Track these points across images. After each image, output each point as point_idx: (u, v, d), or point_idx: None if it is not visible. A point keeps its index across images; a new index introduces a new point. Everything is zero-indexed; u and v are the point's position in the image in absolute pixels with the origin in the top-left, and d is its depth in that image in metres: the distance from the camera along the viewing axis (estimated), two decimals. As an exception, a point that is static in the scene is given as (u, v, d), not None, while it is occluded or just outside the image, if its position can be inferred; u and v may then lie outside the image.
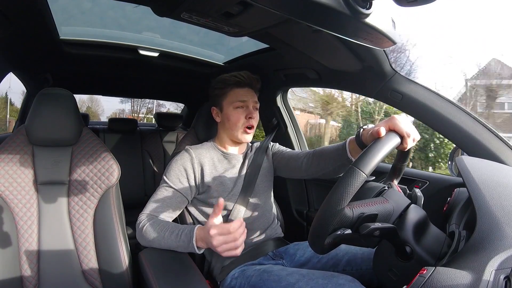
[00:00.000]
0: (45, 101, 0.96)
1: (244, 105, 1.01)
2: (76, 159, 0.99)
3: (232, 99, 1.02)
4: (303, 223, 1.53)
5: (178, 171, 0.97)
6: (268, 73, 1.43)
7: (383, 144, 0.61)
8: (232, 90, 1.02)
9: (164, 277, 0.77)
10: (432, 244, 0.60)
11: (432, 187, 1.10)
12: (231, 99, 1.02)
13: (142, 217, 0.92)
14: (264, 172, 1.09)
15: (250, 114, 1.01)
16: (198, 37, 1.52)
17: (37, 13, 0.95)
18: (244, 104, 1.01)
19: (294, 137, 1.66)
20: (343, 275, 0.74)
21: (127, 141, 2.23)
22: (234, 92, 1.02)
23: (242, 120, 1.01)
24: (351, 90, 1.22)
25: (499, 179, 0.60)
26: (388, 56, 0.94)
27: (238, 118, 1.01)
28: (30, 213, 0.92)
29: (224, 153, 1.06)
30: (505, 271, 0.44)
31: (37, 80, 1.72)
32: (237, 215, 0.98)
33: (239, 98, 1.01)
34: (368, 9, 0.55)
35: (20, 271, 0.88)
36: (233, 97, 1.02)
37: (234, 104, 1.01)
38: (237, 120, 1.01)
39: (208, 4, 0.61)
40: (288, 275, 0.78)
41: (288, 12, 0.56)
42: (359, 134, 0.81)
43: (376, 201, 0.63)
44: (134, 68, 1.69)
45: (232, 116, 1.01)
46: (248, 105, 1.02)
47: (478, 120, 0.88)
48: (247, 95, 1.02)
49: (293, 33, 0.84)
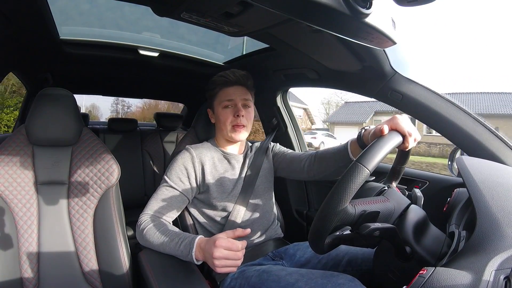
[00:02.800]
0: (45, 101, 0.96)
1: (231, 103, 1.02)
2: (76, 159, 0.99)
3: (220, 99, 1.03)
4: (303, 223, 1.53)
5: (179, 171, 0.97)
6: (268, 73, 1.43)
7: (386, 141, 0.61)
8: (220, 90, 1.03)
9: (164, 277, 0.77)
10: (432, 244, 0.60)
11: (432, 187, 1.10)
12: (219, 99, 1.03)
13: (143, 217, 0.92)
14: (265, 173, 1.09)
15: (237, 112, 1.01)
16: (198, 37, 1.52)
17: (37, 13, 0.95)
18: (231, 102, 1.02)
19: (294, 137, 1.66)
20: (343, 274, 0.74)
21: (127, 141, 2.23)
22: (223, 92, 1.03)
23: (230, 119, 1.01)
24: (351, 90, 1.22)
25: (499, 179, 0.60)
26: (388, 56, 0.94)
27: (226, 117, 1.01)
28: (30, 213, 0.92)
29: (224, 153, 1.06)
30: (505, 271, 0.44)
31: (37, 80, 1.72)
32: (237, 216, 0.98)
33: (226, 97, 1.02)
34: (368, 9, 0.55)
35: (20, 271, 0.88)
36: (221, 97, 1.03)
37: (222, 104, 1.02)
38: (225, 119, 1.01)
39: (208, 4, 0.61)
40: (287, 275, 0.78)
41: (288, 12, 0.56)
42: (360, 135, 0.81)
43: (378, 200, 0.63)
44: (134, 68, 1.69)
45: (221, 116, 1.02)
46: (236, 103, 1.02)
47: (478, 120, 0.88)
48: (234, 93, 1.02)
49: (293, 33, 0.84)
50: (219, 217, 1.00)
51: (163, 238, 0.84)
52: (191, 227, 1.03)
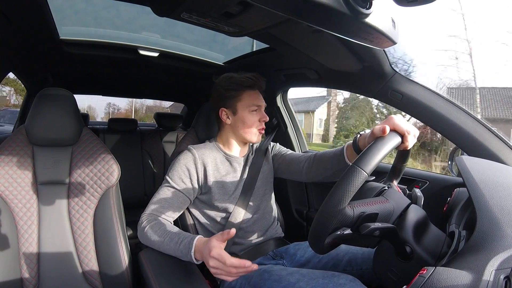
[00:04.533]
0: (45, 101, 0.96)
1: (258, 108, 1.02)
2: (76, 159, 0.99)
3: (248, 102, 1.01)
4: (303, 223, 1.53)
5: (180, 171, 0.97)
6: (268, 73, 1.43)
7: (384, 143, 0.61)
8: (246, 93, 1.01)
9: (165, 277, 0.77)
10: (432, 244, 0.60)
11: (432, 187, 1.10)
12: (246, 102, 1.01)
13: (144, 217, 0.91)
14: (264, 175, 1.09)
15: (264, 117, 1.02)
16: (198, 37, 1.52)
17: (37, 13, 0.95)
18: (258, 107, 1.02)
19: (294, 137, 1.66)
20: (343, 274, 0.74)
21: (127, 141, 2.23)
22: (249, 95, 1.01)
23: (257, 123, 1.02)
24: (351, 90, 1.22)
25: (499, 179, 0.60)
26: (388, 56, 0.94)
27: (254, 121, 1.01)
28: (30, 213, 0.92)
29: (226, 155, 1.05)
30: (505, 271, 0.44)
31: (37, 80, 1.72)
32: (237, 217, 0.98)
33: (255, 102, 1.01)
34: (368, 9, 0.55)
35: (20, 271, 0.88)
36: (249, 101, 1.01)
37: (250, 108, 1.01)
38: (252, 124, 1.01)
39: (208, 4, 0.61)
40: (288, 275, 0.78)
41: (288, 12, 0.56)
42: (356, 140, 0.82)
43: (377, 201, 0.63)
44: (134, 68, 1.69)
45: (248, 120, 1.01)
46: (261, 108, 1.03)
47: (478, 120, 0.88)
48: (259, 98, 1.03)
49: (293, 33, 0.84)
50: (220, 217, 1.00)
51: (163, 238, 0.84)
52: (191, 227, 1.03)
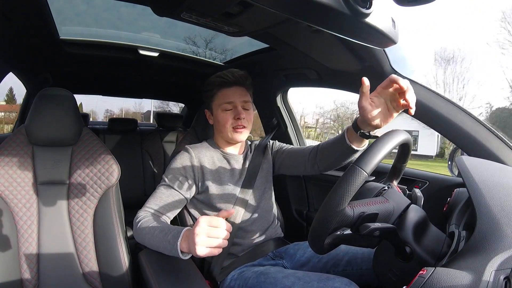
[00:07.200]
0: (45, 101, 0.96)
1: (231, 106, 0.99)
2: (76, 159, 0.99)
3: (220, 101, 1.00)
4: (303, 223, 1.53)
5: (177, 170, 0.97)
6: (268, 73, 1.43)
7: (384, 142, 0.61)
8: (219, 91, 1.00)
9: (164, 277, 0.77)
10: (432, 244, 0.60)
11: (432, 187, 1.10)
12: (218, 101, 1.00)
13: (139, 213, 0.91)
14: (264, 173, 1.08)
15: (238, 114, 0.98)
16: (198, 37, 1.52)
17: (37, 13, 0.95)
18: (231, 105, 0.99)
19: (294, 137, 1.66)
20: (339, 277, 0.74)
21: (127, 141, 2.23)
22: (222, 93, 1.00)
23: (230, 121, 0.99)
24: (351, 90, 1.22)
25: (499, 179, 0.60)
26: (388, 56, 0.94)
27: (226, 120, 0.99)
28: (30, 213, 0.92)
29: (223, 153, 1.05)
30: (505, 272, 0.44)
31: (37, 80, 1.72)
32: (236, 216, 0.98)
33: (226, 100, 0.99)
34: (368, 9, 0.55)
35: (20, 272, 0.88)
36: (221, 99, 1.00)
37: (222, 107, 0.99)
38: (225, 122, 0.99)
39: (208, 4, 0.61)
40: (284, 278, 0.78)
41: (288, 12, 0.56)
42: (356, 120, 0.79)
43: (377, 201, 0.63)
44: (134, 68, 1.69)
45: (222, 118, 1.00)
46: (236, 105, 0.99)
47: (478, 120, 0.88)
48: (234, 94, 1.00)
49: (293, 33, 0.84)
50: None
51: (154, 230, 0.81)
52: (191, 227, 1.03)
